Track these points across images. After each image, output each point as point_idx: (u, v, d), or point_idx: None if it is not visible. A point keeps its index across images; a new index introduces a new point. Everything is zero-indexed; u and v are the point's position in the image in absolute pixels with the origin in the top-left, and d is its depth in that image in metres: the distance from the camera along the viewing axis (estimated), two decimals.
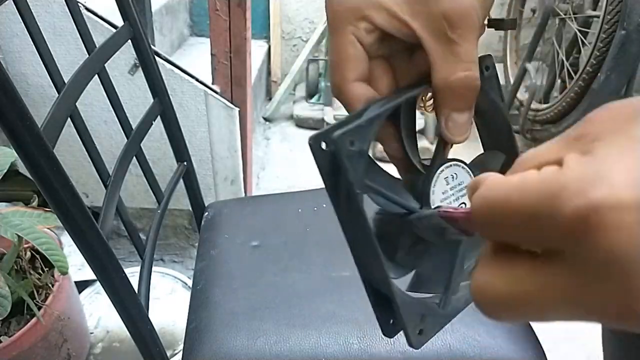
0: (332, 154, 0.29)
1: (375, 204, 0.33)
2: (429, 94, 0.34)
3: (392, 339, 0.64)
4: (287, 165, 2.02)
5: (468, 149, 0.39)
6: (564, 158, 0.19)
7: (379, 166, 0.34)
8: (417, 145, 0.35)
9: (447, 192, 0.34)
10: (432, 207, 0.33)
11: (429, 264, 0.34)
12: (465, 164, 0.35)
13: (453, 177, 0.34)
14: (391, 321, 0.31)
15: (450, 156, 0.35)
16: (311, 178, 1.96)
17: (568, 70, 1.74)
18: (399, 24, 0.31)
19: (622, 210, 0.16)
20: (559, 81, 1.86)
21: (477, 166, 0.36)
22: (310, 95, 2.31)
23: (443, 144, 0.35)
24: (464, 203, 0.34)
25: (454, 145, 0.35)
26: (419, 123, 2.09)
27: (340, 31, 0.32)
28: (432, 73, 0.31)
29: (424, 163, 0.35)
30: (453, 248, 0.33)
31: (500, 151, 0.38)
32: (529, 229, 0.19)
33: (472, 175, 0.35)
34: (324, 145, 0.29)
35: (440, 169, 0.34)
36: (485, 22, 0.34)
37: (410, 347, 0.30)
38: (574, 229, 0.17)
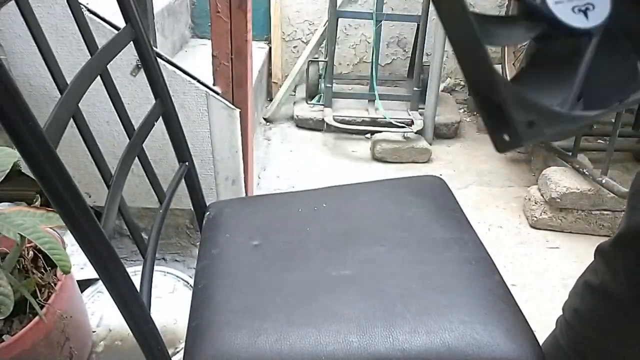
0: None
1: None
2: None
3: (391, 339, 0.65)
4: (287, 165, 2.02)
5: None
6: None
7: None
8: None
9: None
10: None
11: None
12: None
13: None
14: (504, 136, 0.30)
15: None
16: (311, 178, 1.97)
17: None
18: None
19: None
20: None
21: None
22: (310, 96, 2.31)
23: None
24: (590, 4, 0.32)
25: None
26: (418, 124, 2.09)
27: None
28: None
29: None
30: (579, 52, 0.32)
31: None
32: None
33: None
34: None
35: None
36: None
37: (517, 141, 0.28)
38: None
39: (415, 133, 2.06)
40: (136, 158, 0.73)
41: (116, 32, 0.70)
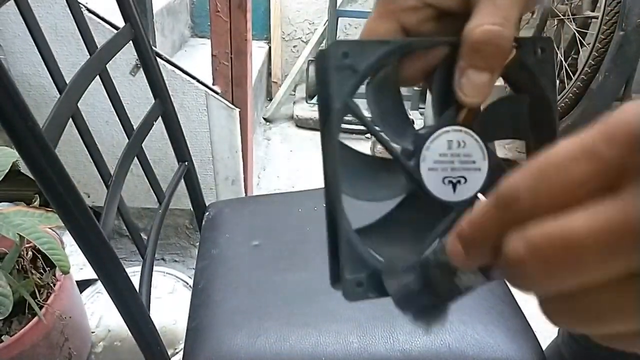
0: (323, 65, 0.28)
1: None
2: None
3: (391, 339, 0.65)
4: (287, 165, 2.02)
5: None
6: None
7: (402, 106, 0.32)
8: (441, 104, 0.32)
9: (446, 156, 0.30)
10: (421, 163, 0.30)
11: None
12: (481, 140, 0.31)
13: (459, 144, 0.30)
14: (336, 284, 0.29)
15: None
16: (311, 178, 1.97)
17: (567, 70, 1.74)
18: None
19: None
20: (557, 82, 1.87)
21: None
22: (310, 96, 2.31)
23: (457, 107, 0.31)
24: (462, 177, 0.31)
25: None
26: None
27: (384, 7, 0.31)
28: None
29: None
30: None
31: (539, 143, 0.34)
32: (589, 166, 0.17)
33: (485, 154, 0.31)
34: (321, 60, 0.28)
35: (446, 129, 0.30)
36: None
37: (344, 295, 0.28)
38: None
39: None
40: (135, 158, 0.73)
41: (115, 31, 0.70)
